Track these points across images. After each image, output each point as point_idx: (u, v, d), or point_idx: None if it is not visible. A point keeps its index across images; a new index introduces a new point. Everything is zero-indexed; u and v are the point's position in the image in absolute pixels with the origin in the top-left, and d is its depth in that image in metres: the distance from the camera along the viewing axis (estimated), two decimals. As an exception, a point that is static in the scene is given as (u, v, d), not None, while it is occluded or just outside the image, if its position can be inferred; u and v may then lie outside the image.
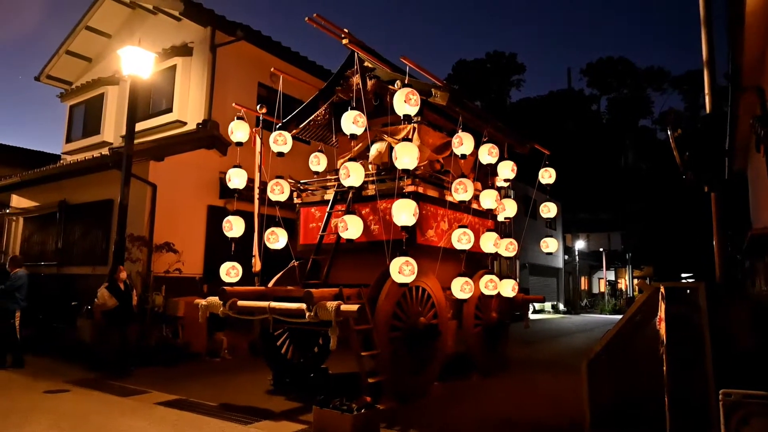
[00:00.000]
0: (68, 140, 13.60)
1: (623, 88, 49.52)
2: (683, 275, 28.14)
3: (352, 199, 6.44)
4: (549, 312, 27.01)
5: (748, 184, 8.65)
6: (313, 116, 7.63)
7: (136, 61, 8.25)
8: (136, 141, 8.64)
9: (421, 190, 6.42)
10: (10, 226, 12.72)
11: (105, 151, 9.66)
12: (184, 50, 11.09)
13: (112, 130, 12.44)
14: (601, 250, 33.67)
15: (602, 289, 35.37)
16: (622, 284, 36.60)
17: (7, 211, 12.61)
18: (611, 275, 37.22)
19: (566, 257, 31.61)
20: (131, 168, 8.24)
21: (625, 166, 43.01)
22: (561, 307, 29.22)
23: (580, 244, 32.91)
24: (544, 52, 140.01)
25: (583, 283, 35.09)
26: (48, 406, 5.53)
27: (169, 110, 11.12)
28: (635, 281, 34.31)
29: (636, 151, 43.69)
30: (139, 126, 9.87)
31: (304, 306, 5.16)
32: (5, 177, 12.18)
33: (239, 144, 6.86)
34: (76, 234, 10.70)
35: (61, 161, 12.89)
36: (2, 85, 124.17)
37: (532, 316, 20.48)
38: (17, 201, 12.60)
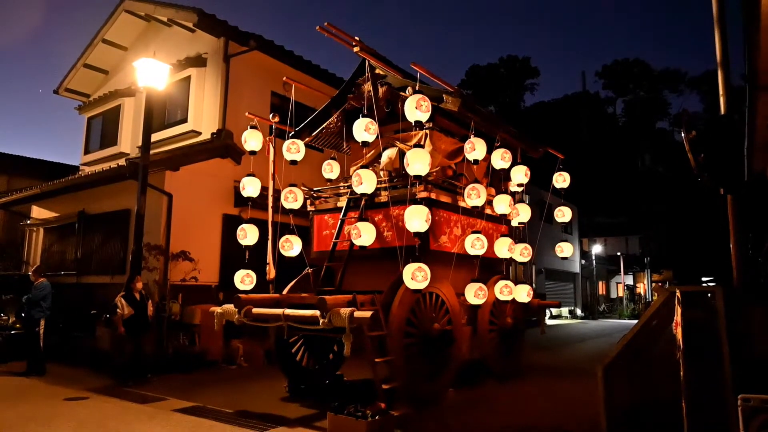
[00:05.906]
0: (86, 152, 13.85)
1: (639, 90, 49.14)
2: (704, 279, 27.66)
3: (364, 206, 6.45)
4: (566, 317, 26.73)
5: None
6: (325, 124, 7.67)
7: (151, 72, 8.39)
8: (152, 151, 8.77)
9: (433, 196, 6.41)
10: (31, 237, 12.96)
11: (122, 161, 9.80)
12: (198, 61, 11.26)
13: (128, 140, 12.64)
14: (618, 254, 33.22)
15: (620, 294, 34.89)
16: (641, 289, 36.08)
17: (28, 222, 12.85)
18: (629, 280, 36.71)
19: (583, 262, 31.25)
20: (147, 178, 8.37)
21: (643, 169, 42.54)
22: (578, 312, 28.89)
23: (597, 249, 32.53)
24: (558, 56, 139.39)
25: (601, 287, 34.65)
26: (69, 412, 5.63)
27: (184, 120, 11.28)
28: (654, 285, 33.78)
29: (653, 153, 43.21)
30: (155, 136, 10.03)
31: (318, 313, 5.18)
32: (26, 189, 12.43)
33: (253, 153, 6.94)
34: (95, 243, 10.87)
35: (80, 172, 13.10)
36: (23, 98, 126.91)
37: (549, 322, 20.33)
38: (37, 212, 12.84)
